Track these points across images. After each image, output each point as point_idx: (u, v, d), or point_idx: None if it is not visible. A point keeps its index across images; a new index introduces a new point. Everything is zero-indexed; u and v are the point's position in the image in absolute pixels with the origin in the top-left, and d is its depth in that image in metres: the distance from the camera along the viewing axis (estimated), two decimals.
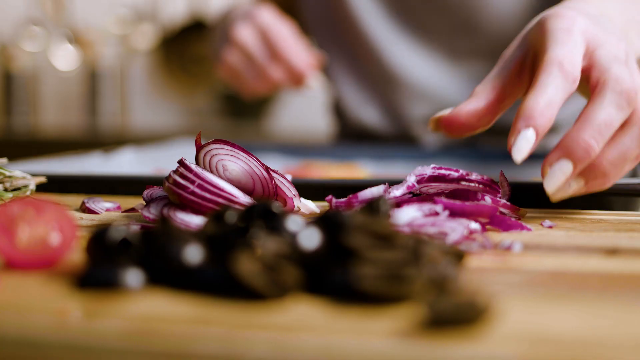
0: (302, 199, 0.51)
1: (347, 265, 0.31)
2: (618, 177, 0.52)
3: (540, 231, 0.48)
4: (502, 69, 0.54)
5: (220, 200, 0.46)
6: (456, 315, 0.28)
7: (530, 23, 0.56)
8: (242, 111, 2.59)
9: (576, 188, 0.50)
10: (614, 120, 0.49)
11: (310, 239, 0.34)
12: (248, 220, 0.36)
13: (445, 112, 0.52)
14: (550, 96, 0.49)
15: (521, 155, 0.48)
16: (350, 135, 1.13)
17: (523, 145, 0.48)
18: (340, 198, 0.51)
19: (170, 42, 2.77)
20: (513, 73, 0.53)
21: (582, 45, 0.51)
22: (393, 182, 0.51)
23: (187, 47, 2.77)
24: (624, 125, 0.51)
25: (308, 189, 0.57)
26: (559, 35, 0.51)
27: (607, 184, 0.51)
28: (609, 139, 0.50)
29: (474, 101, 0.52)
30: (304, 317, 0.29)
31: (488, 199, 0.49)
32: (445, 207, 0.46)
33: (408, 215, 0.43)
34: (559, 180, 0.48)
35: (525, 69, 0.54)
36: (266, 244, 0.32)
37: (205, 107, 2.82)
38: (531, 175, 0.85)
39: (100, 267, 0.34)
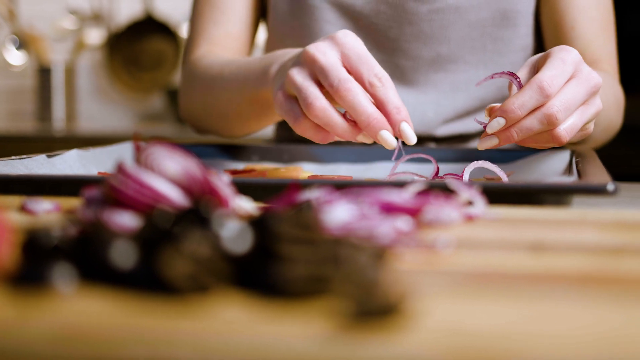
0: (239, 199, 0.52)
1: (272, 266, 0.32)
2: (569, 128, 0.69)
3: (469, 228, 0.49)
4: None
5: (156, 201, 0.46)
6: (379, 314, 0.29)
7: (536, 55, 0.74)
8: None
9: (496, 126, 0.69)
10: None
11: (240, 240, 0.35)
12: (181, 221, 0.37)
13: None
14: (524, 101, 0.67)
15: (491, 129, 0.69)
16: (297, 141, 1.13)
17: (494, 125, 0.69)
18: (279, 198, 0.52)
19: (121, 42, 2.75)
20: None
21: (570, 72, 0.69)
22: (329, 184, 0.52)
23: (138, 48, 2.76)
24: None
25: (247, 190, 0.58)
26: (555, 62, 0.69)
27: (559, 136, 0.69)
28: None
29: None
30: (231, 319, 0.30)
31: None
32: (375, 205, 0.47)
33: (337, 215, 0.44)
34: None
35: None
36: (196, 245, 0.33)
37: (157, 110, 2.81)
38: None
39: (32, 268, 0.34)
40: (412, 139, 0.69)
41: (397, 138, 0.69)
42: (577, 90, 0.69)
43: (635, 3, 1.59)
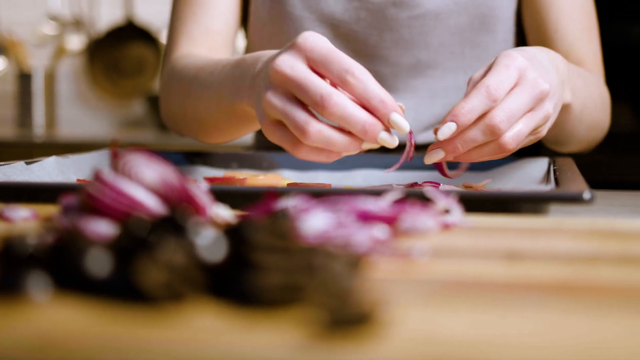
0: (217, 208, 0.52)
1: (247, 275, 0.32)
2: (515, 136, 0.68)
3: (445, 237, 0.49)
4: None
5: (133, 209, 0.46)
6: (353, 323, 0.29)
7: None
8: None
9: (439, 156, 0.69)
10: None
11: (215, 248, 0.35)
12: (157, 230, 0.37)
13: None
14: (472, 105, 0.66)
15: (443, 136, 0.67)
16: (276, 148, 1.13)
17: (445, 131, 0.67)
18: (257, 206, 0.52)
19: (101, 48, 2.74)
20: None
21: (514, 78, 0.68)
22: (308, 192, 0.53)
23: (119, 54, 2.75)
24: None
25: (225, 197, 0.58)
26: (499, 68, 0.68)
27: (505, 145, 0.68)
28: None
29: None
30: (205, 327, 0.30)
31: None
32: (352, 213, 0.47)
33: (314, 223, 0.44)
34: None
35: None
36: (171, 254, 0.33)
37: (138, 116, 2.80)
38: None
39: (7, 276, 0.34)
40: (405, 128, 0.65)
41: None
42: (521, 98, 0.68)
43: (616, 13, 1.60)
